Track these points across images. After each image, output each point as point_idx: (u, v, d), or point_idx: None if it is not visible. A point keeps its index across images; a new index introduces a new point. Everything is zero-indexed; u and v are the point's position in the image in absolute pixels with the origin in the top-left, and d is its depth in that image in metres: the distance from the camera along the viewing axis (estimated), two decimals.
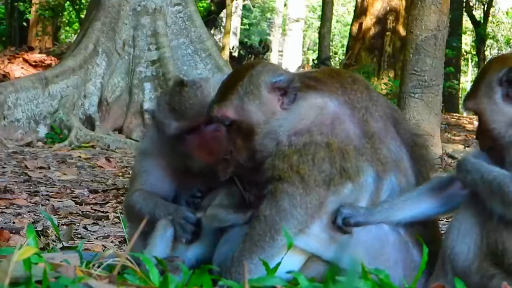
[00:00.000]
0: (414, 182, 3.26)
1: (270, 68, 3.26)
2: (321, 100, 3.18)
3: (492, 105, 2.99)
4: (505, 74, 2.96)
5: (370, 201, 3.15)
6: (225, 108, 3.20)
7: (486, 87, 3.00)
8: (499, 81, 2.97)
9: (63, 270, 2.62)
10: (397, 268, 3.09)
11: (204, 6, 28.02)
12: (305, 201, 3.05)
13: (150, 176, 3.66)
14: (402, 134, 3.30)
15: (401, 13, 23.20)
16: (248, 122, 3.19)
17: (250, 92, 3.19)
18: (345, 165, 3.09)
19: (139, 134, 14.41)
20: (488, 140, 3.04)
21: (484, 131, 3.04)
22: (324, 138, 3.09)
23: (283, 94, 3.19)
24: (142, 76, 14.95)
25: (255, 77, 3.21)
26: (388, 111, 3.32)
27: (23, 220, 5.84)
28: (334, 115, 3.15)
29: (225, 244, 3.25)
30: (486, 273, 2.93)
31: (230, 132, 3.26)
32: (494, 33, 36.63)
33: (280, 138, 3.13)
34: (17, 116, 13.44)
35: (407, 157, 3.26)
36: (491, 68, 3.02)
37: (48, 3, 26.59)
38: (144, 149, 3.79)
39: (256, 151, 3.18)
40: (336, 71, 3.45)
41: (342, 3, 45.12)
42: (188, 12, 15.60)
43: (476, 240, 2.96)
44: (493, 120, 2.99)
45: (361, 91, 3.28)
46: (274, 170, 3.09)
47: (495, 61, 3.07)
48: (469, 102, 3.07)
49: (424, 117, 11.43)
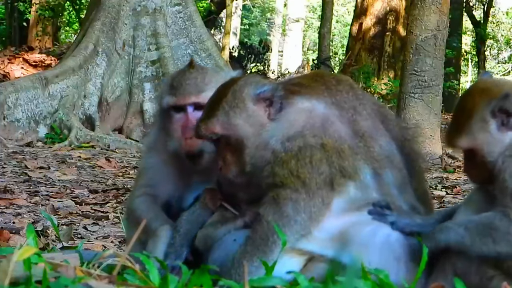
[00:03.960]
0: (408, 176, 3.27)
1: (252, 81, 3.28)
2: (308, 104, 3.19)
3: (488, 138, 2.97)
4: (497, 105, 2.95)
5: (379, 198, 3.15)
6: (211, 124, 3.21)
7: (479, 121, 2.97)
8: (492, 113, 2.96)
9: (63, 270, 2.62)
10: (397, 268, 3.09)
11: (204, 6, 28.02)
12: (309, 206, 3.06)
13: (154, 174, 3.66)
14: (391, 129, 3.33)
15: (401, 13, 23.21)
16: (236, 137, 3.19)
17: (235, 106, 3.20)
18: (343, 164, 3.10)
19: (139, 134, 14.41)
20: (482, 173, 3.04)
21: (478, 165, 3.03)
22: (318, 139, 3.10)
23: (269, 104, 3.20)
24: (142, 76, 14.95)
25: (238, 91, 3.22)
26: (375, 108, 3.34)
27: (23, 220, 5.84)
28: (323, 116, 3.16)
29: (220, 248, 3.25)
30: (485, 275, 2.94)
31: (219, 148, 3.27)
32: (494, 33, 36.65)
33: (274, 147, 3.13)
34: (17, 116, 13.44)
35: (398, 152, 3.28)
36: (477, 102, 2.99)
37: (48, 3, 26.58)
38: (149, 144, 3.79)
39: (246, 165, 3.19)
40: (319, 74, 3.46)
41: (342, 3, 45.12)
42: (188, 12, 15.60)
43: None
44: (491, 152, 2.98)
45: (346, 91, 3.30)
46: (274, 177, 3.09)
47: (477, 95, 3.02)
48: (461, 141, 3.03)
49: (424, 117, 11.43)
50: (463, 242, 2.95)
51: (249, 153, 3.18)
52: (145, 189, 3.65)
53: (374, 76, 23.03)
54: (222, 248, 3.24)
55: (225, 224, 3.29)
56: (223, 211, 3.38)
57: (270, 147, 3.14)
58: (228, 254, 3.16)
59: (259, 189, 3.17)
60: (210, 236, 3.31)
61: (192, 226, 3.41)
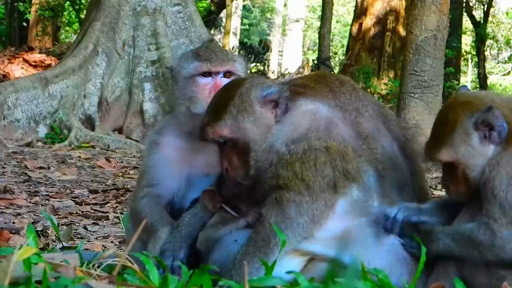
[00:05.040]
0: (409, 176, 3.28)
1: (258, 83, 3.27)
2: (312, 106, 3.19)
3: (470, 151, 2.97)
4: (480, 117, 2.95)
5: (378, 200, 3.15)
6: (220, 128, 3.21)
7: (461, 134, 2.97)
8: (475, 125, 2.96)
9: (63, 270, 2.62)
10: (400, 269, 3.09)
11: (204, 6, 28.01)
12: (312, 208, 3.06)
13: (158, 172, 3.67)
14: (392, 130, 3.34)
15: (401, 13, 23.20)
16: (244, 140, 3.20)
17: (243, 109, 3.20)
18: (347, 167, 3.10)
19: (139, 134, 14.41)
20: (461, 187, 3.04)
21: (458, 179, 3.03)
22: (322, 142, 3.10)
23: (275, 106, 3.20)
24: (142, 76, 14.95)
25: (245, 94, 3.22)
26: (376, 109, 3.35)
27: (23, 220, 5.84)
28: (327, 119, 3.17)
29: (220, 249, 3.25)
30: (495, 275, 2.93)
31: (224, 150, 3.27)
32: (494, 33, 36.63)
33: (279, 149, 3.13)
34: (17, 116, 13.44)
35: (399, 152, 3.29)
36: (459, 115, 2.99)
37: (48, 3, 26.59)
38: (153, 140, 3.79)
39: (252, 167, 3.19)
40: (322, 75, 3.46)
41: (342, 3, 45.10)
42: (188, 12, 15.60)
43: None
44: (473, 165, 2.98)
45: (349, 92, 3.30)
46: (278, 178, 3.10)
47: (459, 108, 3.03)
48: (442, 154, 3.02)
49: (424, 117, 11.41)
50: (452, 252, 2.96)
51: (255, 156, 3.18)
52: (148, 189, 3.66)
53: (374, 76, 23.02)
54: (223, 249, 3.24)
55: (226, 225, 3.29)
56: (223, 213, 3.38)
57: (275, 149, 3.14)
58: (229, 254, 3.16)
59: (262, 191, 3.17)
60: (211, 237, 3.31)
61: (194, 228, 3.41)
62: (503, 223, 2.86)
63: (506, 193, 2.87)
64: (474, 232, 2.90)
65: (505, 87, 38.94)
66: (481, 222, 2.91)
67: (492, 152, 2.96)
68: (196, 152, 3.62)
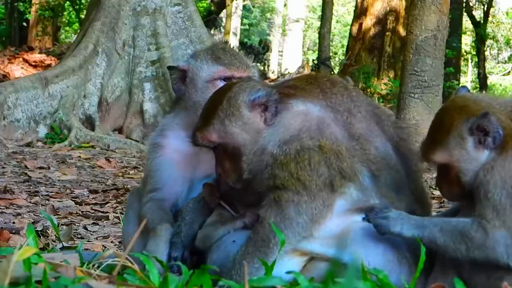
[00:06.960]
0: (405, 176, 3.28)
1: (246, 87, 3.25)
2: (303, 107, 3.19)
3: (464, 155, 3.00)
4: (475, 123, 2.97)
5: (378, 199, 3.15)
6: (208, 133, 3.21)
7: (456, 137, 3.00)
8: (470, 130, 2.98)
9: (63, 270, 2.62)
10: (399, 269, 3.09)
11: (204, 6, 28.02)
12: (311, 207, 3.07)
13: (162, 175, 3.67)
14: (386, 130, 3.32)
15: (401, 13, 23.20)
16: (233, 144, 3.20)
17: (231, 114, 3.19)
18: (342, 165, 3.10)
19: (139, 134, 14.42)
20: (454, 189, 3.06)
21: (451, 181, 3.06)
22: (315, 142, 3.10)
23: (264, 109, 3.19)
24: (142, 76, 14.95)
25: (233, 98, 3.21)
26: (369, 109, 3.33)
27: (23, 220, 5.84)
28: (319, 119, 3.16)
29: (219, 249, 3.26)
30: (494, 275, 2.93)
31: (217, 155, 3.28)
32: (494, 33, 36.64)
33: (273, 151, 3.13)
34: (17, 116, 13.44)
35: (394, 152, 3.28)
36: (455, 118, 3.02)
37: (48, 3, 26.60)
38: (156, 142, 3.78)
39: (244, 171, 3.19)
40: (313, 76, 3.47)
41: (342, 3, 45.10)
42: (188, 12, 15.60)
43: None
44: (466, 169, 3.00)
45: (341, 93, 3.29)
46: (275, 179, 3.10)
47: (455, 112, 3.05)
48: (436, 155, 3.05)
49: (424, 117, 11.41)
50: (435, 242, 2.95)
51: (247, 160, 3.18)
52: (152, 194, 3.67)
53: (374, 76, 23.02)
54: (221, 249, 3.25)
55: (224, 225, 3.29)
56: (221, 210, 3.39)
57: (268, 152, 3.14)
58: (228, 255, 3.17)
59: (258, 193, 3.18)
60: (209, 236, 3.32)
61: (197, 215, 3.43)
62: (496, 224, 2.87)
63: (500, 196, 2.89)
64: (467, 227, 2.91)
65: (505, 87, 38.94)
66: (474, 220, 2.91)
67: (486, 157, 2.98)
68: (200, 154, 3.62)
